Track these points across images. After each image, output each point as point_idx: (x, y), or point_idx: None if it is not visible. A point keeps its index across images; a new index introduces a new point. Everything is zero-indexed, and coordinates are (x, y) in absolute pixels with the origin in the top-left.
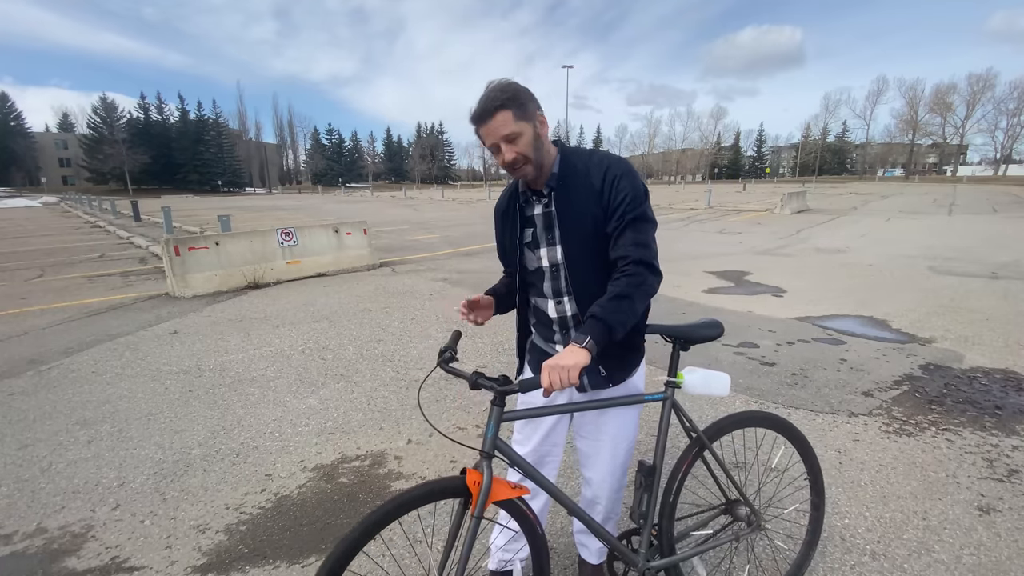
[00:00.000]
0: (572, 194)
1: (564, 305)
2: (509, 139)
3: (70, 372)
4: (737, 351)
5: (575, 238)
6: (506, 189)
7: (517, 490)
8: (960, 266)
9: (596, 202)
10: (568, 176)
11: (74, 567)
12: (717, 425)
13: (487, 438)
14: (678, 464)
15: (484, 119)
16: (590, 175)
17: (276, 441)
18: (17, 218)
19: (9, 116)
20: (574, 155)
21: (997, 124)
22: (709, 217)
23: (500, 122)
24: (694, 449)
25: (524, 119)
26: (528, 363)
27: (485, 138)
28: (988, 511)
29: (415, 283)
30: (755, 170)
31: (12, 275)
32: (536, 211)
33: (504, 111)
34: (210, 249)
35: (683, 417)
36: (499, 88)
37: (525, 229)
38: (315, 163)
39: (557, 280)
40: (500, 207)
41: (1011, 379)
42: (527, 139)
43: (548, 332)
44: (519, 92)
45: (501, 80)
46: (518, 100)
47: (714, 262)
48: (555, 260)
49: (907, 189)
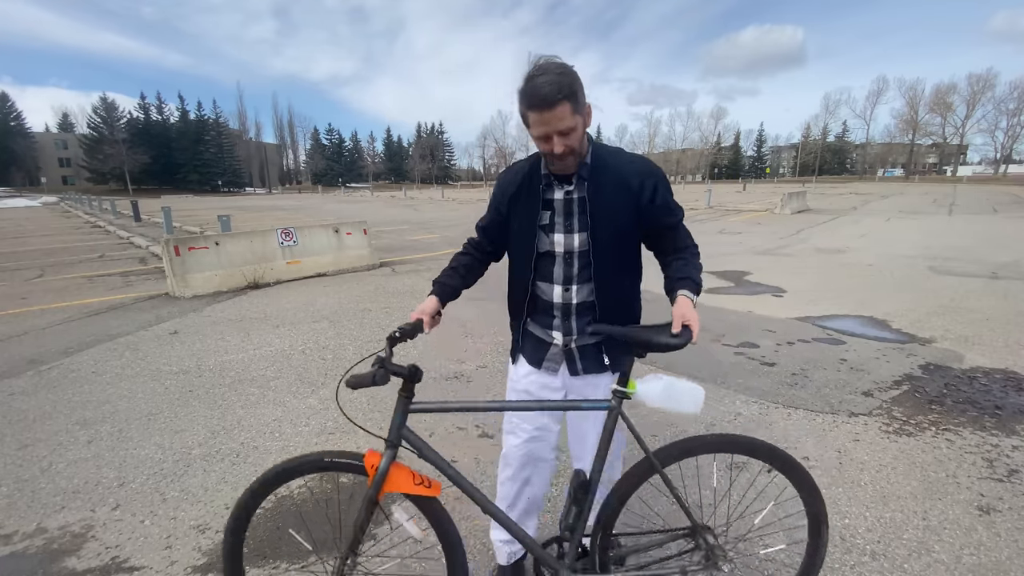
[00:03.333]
0: (604, 187)
1: (571, 292)
2: (564, 132)
3: (70, 372)
4: (737, 351)
5: (603, 227)
6: (517, 169)
7: (421, 487)
8: (960, 266)
9: (630, 200)
10: (600, 169)
11: (74, 567)
12: (680, 446)
13: (393, 426)
14: (620, 482)
15: (544, 107)
16: (623, 173)
17: (276, 441)
18: (17, 218)
19: (9, 116)
20: (604, 149)
21: (997, 124)
22: (709, 217)
23: (560, 115)
24: (640, 470)
25: (579, 112)
26: (521, 351)
27: (538, 125)
28: (988, 511)
29: (415, 283)
30: (755, 170)
31: (12, 275)
32: (557, 195)
33: (566, 104)
34: (210, 249)
35: (634, 432)
36: (561, 74)
37: (543, 212)
38: (315, 163)
39: (570, 267)
40: (509, 186)
41: (1011, 379)
42: (579, 133)
43: (547, 319)
44: (577, 82)
45: (554, 60)
46: (577, 92)
47: (714, 262)
48: (571, 247)
49: (907, 189)
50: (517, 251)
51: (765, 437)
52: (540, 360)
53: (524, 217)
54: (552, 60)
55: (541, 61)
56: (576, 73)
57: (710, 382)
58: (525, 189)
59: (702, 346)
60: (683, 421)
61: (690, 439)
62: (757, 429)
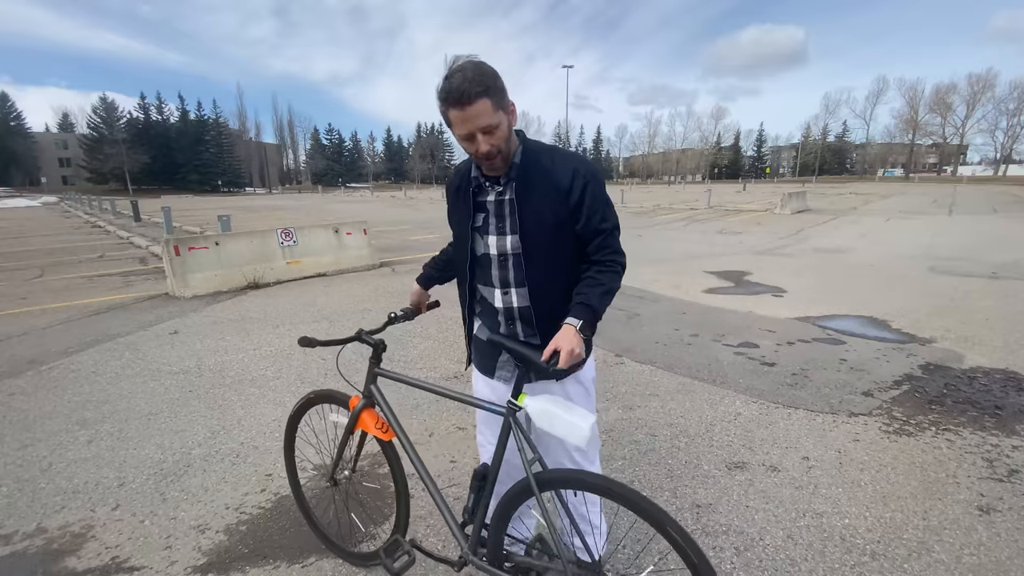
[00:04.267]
0: (533, 187)
1: (511, 296)
2: (487, 130)
3: (70, 372)
4: (737, 351)
5: (533, 230)
6: (459, 171)
7: (379, 431)
8: (960, 266)
9: (560, 200)
10: (530, 168)
11: (74, 567)
12: (562, 475)
13: (365, 383)
14: (507, 493)
15: (462, 103)
16: (554, 173)
17: (276, 441)
18: (17, 218)
19: (9, 116)
20: (536, 148)
21: (997, 124)
22: (709, 217)
23: (480, 111)
24: (520, 488)
25: (502, 108)
26: (472, 357)
27: (459, 124)
28: (988, 511)
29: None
30: (755, 170)
31: (12, 275)
32: (489, 198)
33: (484, 99)
34: (210, 249)
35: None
36: (478, 71)
37: (477, 214)
38: (315, 163)
39: (505, 270)
40: (453, 186)
41: (1011, 379)
42: (503, 131)
43: (493, 323)
44: (497, 79)
45: (472, 59)
46: (498, 88)
47: (714, 262)
48: (504, 250)
49: (907, 189)
50: (457, 254)
51: (765, 437)
52: (492, 368)
53: (460, 220)
54: (471, 59)
55: (460, 61)
56: (495, 71)
57: (710, 382)
58: (463, 191)
59: (703, 346)
60: (686, 425)
61: (574, 471)
62: (757, 429)
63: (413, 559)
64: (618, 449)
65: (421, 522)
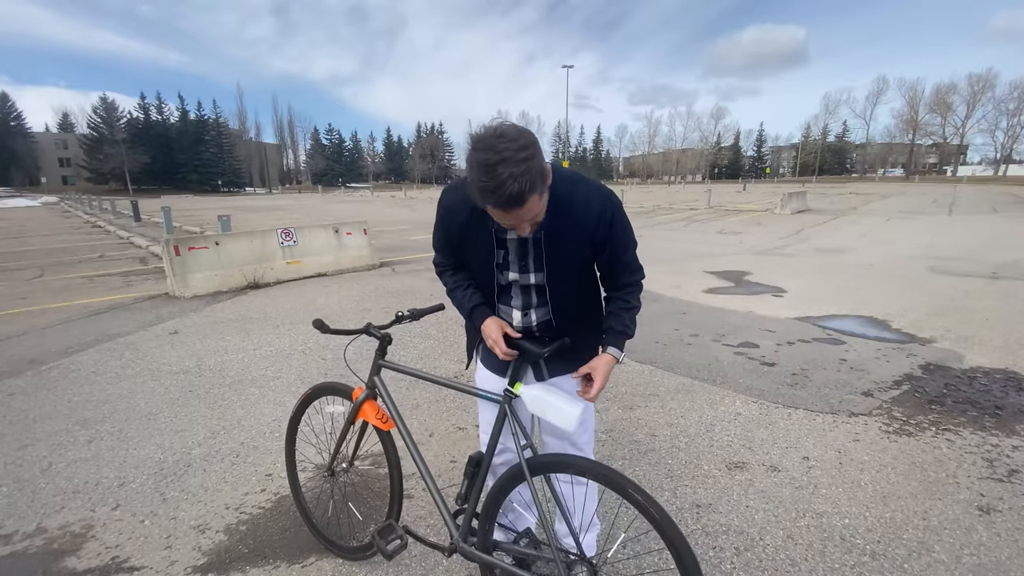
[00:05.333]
0: (560, 229)
1: (531, 316)
2: (534, 219)
3: (70, 372)
4: (737, 351)
5: (559, 268)
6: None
7: (379, 421)
8: (960, 266)
9: (585, 237)
10: (555, 209)
11: (74, 567)
12: (553, 460)
13: (369, 374)
14: (499, 479)
15: (514, 205)
16: (575, 207)
17: (276, 441)
18: (17, 218)
19: (9, 116)
20: (558, 182)
21: (997, 124)
22: (709, 217)
23: (531, 206)
24: (513, 473)
25: (545, 190)
26: (481, 360)
27: (508, 219)
28: (988, 511)
29: (415, 283)
30: (755, 170)
31: (12, 275)
32: (510, 235)
33: (534, 193)
34: (210, 249)
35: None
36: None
37: (498, 250)
38: (315, 163)
39: (528, 296)
40: (458, 212)
41: (1011, 379)
42: (544, 206)
43: None
44: (539, 158)
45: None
46: (542, 173)
47: (714, 262)
48: (528, 282)
49: (907, 189)
50: (479, 282)
51: (765, 437)
52: (505, 368)
53: (479, 253)
54: (504, 133)
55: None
56: (536, 142)
57: (710, 382)
58: (477, 222)
59: (703, 346)
60: (690, 419)
61: (565, 456)
62: (757, 429)
63: (405, 543)
64: (618, 449)
65: (421, 522)
